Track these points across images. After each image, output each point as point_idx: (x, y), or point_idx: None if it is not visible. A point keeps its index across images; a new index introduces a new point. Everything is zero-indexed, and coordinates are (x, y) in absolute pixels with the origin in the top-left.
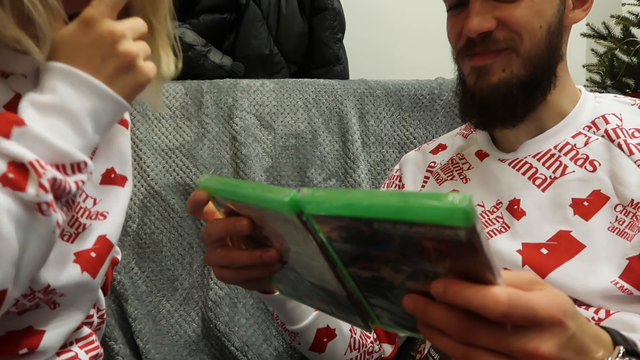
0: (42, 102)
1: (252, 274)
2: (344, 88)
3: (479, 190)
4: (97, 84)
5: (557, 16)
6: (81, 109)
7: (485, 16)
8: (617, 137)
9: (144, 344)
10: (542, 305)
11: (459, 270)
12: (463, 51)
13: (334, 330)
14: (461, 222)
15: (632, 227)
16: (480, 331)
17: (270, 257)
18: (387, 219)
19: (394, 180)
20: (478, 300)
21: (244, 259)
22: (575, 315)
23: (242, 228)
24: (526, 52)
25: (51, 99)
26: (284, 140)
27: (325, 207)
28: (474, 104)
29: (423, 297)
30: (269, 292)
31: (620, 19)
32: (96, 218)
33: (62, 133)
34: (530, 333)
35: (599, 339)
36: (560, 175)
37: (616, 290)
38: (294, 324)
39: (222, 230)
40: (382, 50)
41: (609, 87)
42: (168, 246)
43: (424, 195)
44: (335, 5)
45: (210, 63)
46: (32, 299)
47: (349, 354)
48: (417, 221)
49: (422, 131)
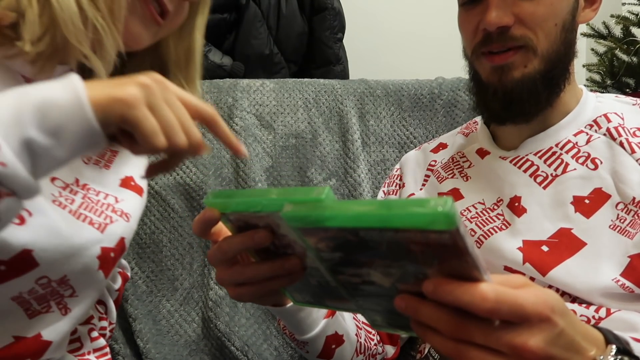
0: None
1: (272, 286)
2: (344, 88)
3: (480, 188)
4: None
5: (571, 13)
6: (35, 93)
7: (505, 10)
8: (619, 136)
9: (144, 344)
10: (529, 301)
11: (447, 270)
12: (479, 48)
13: (342, 336)
14: (444, 226)
15: (634, 225)
16: (469, 327)
17: (293, 265)
18: (372, 227)
19: (395, 179)
20: (466, 297)
21: (265, 272)
22: (564, 312)
23: (261, 240)
24: (543, 50)
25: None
26: (284, 140)
27: (310, 220)
28: (497, 99)
29: (413, 296)
30: (282, 305)
31: (621, 18)
32: (121, 216)
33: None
34: (518, 328)
35: (591, 337)
36: (561, 173)
37: (617, 288)
38: (304, 334)
39: (240, 245)
40: (382, 50)
41: (609, 86)
42: (168, 246)
43: (406, 203)
44: (335, 5)
45: (210, 63)
46: (47, 286)
47: (356, 358)
48: (402, 227)
49: (422, 131)
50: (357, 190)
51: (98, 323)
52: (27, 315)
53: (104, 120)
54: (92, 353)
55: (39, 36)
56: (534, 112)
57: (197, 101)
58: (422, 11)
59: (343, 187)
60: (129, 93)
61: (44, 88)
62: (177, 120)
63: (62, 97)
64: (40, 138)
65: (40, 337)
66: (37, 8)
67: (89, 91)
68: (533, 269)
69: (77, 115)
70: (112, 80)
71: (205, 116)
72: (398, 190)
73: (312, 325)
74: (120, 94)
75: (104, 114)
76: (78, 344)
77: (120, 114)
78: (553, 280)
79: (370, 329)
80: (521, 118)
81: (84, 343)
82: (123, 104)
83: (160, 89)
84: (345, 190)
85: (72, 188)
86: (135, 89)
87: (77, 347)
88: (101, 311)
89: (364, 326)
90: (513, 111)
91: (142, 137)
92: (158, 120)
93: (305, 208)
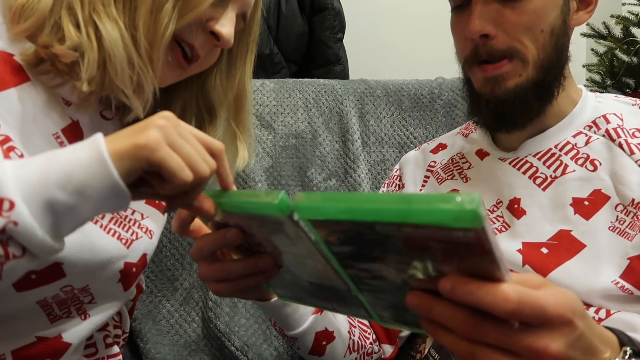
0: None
1: (248, 283)
2: (344, 88)
3: (479, 190)
4: (98, 137)
5: (560, 18)
6: (62, 156)
7: (488, 18)
8: (618, 137)
9: (144, 344)
10: (552, 303)
11: (466, 268)
12: (472, 59)
13: (333, 332)
14: (470, 224)
15: (633, 227)
16: (487, 328)
17: (265, 263)
18: (390, 222)
19: (394, 180)
20: (488, 298)
21: (240, 269)
22: (583, 314)
23: (232, 238)
24: (534, 57)
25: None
26: (284, 140)
27: (323, 212)
28: (490, 109)
29: (427, 294)
30: (266, 299)
31: (621, 18)
32: (146, 232)
33: (18, 164)
34: (539, 331)
35: (606, 339)
36: (560, 175)
37: (617, 290)
38: (292, 329)
39: (213, 243)
40: (382, 50)
41: (609, 86)
42: (168, 246)
43: (429, 197)
44: (335, 5)
45: None
46: (69, 293)
47: (349, 355)
48: (423, 223)
49: (422, 131)
50: (357, 190)
51: (113, 331)
52: (49, 320)
53: (131, 168)
54: (106, 359)
55: (94, 77)
56: (525, 121)
57: (206, 135)
58: (423, 11)
59: (343, 187)
60: (150, 137)
61: (70, 150)
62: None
63: (86, 156)
64: (64, 197)
65: (61, 339)
66: (97, 52)
67: (111, 144)
68: (533, 271)
69: (100, 172)
70: (130, 128)
71: (214, 150)
72: (398, 190)
73: (299, 320)
74: (142, 140)
75: (130, 162)
76: (93, 349)
77: (146, 159)
78: (552, 282)
79: (365, 327)
80: (513, 128)
81: (99, 349)
82: (147, 149)
83: (174, 126)
84: (345, 190)
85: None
86: (154, 131)
87: (93, 353)
88: (116, 319)
89: (359, 324)
90: (505, 122)
91: (170, 175)
92: (181, 155)
93: (321, 198)
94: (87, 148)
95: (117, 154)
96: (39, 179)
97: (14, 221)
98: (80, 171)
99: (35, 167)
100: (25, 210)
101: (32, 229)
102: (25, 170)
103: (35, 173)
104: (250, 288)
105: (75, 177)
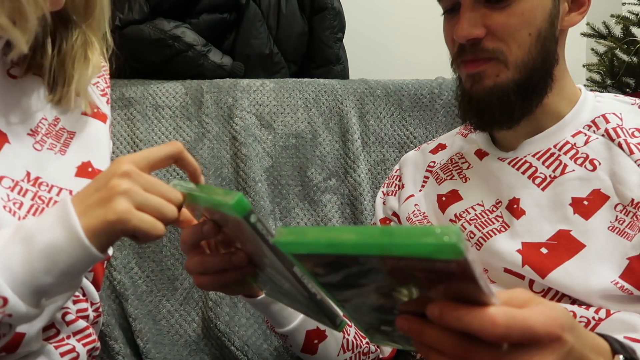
0: (23, 225)
1: (227, 278)
2: (344, 88)
3: (479, 190)
4: (70, 214)
5: (548, 21)
6: (39, 239)
7: (475, 23)
8: (618, 137)
9: (144, 343)
10: (540, 322)
11: (452, 293)
12: (457, 58)
13: (324, 331)
14: (452, 256)
15: (633, 227)
16: (477, 351)
17: (239, 259)
18: (373, 255)
19: (394, 180)
20: (476, 323)
21: (216, 264)
22: (572, 327)
23: (208, 231)
24: (517, 60)
25: (30, 225)
26: (284, 140)
27: (306, 247)
28: (472, 107)
29: (416, 317)
30: (254, 296)
31: (621, 18)
32: None
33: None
34: (529, 350)
35: (598, 347)
36: (560, 174)
37: (616, 290)
38: (282, 327)
39: (193, 235)
40: (382, 50)
41: (609, 86)
42: (168, 246)
43: (410, 231)
44: (335, 4)
45: (210, 63)
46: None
47: (342, 354)
48: (405, 256)
49: (422, 131)
50: (357, 190)
51: (73, 306)
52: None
53: (107, 241)
54: (73, 337)
55: None
56: (506, 121)
57: (161, 150)
58: (423, 11)
59: (343, 187)
60: (119, 210)
61: (46, 232)
62: (160, 198)
63: (64, 241)
64: (51, 280)
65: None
66: None
67: (84, 220)
68: (532, 271)
69: (82, 254)
70: (95, 192)
71: (175, 155)
72: (397, 191)
73: (289, 318)
74: (112, 216)
75: (106, 237)
76: (54, 330)
77: (121, 231)
78: (552, 283)
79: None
80: (494, 126)
81: (60, 328)
82: (119, 224)
83: (137, 182)
84: (345, 190)
85: (21, 186)
86: (121, 202)
87: (54, 334)
88: (76, 294)
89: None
90: (484, 120)
91: (145, 235)
92: (150, 212)
93: (300, 235)
94: (62, 229)
95: (92, 233)
96: (25, 269)
97: (9, 314)
98: (63, 256)
99: (17, 256)
100: (18, 302)
101: (24, 313)
102: (9, 260)
103: (20, 262)
104: (231, 283)
105: (60, 262)
